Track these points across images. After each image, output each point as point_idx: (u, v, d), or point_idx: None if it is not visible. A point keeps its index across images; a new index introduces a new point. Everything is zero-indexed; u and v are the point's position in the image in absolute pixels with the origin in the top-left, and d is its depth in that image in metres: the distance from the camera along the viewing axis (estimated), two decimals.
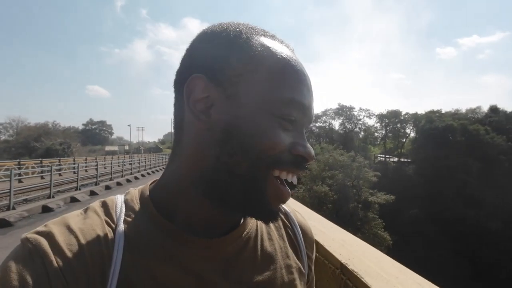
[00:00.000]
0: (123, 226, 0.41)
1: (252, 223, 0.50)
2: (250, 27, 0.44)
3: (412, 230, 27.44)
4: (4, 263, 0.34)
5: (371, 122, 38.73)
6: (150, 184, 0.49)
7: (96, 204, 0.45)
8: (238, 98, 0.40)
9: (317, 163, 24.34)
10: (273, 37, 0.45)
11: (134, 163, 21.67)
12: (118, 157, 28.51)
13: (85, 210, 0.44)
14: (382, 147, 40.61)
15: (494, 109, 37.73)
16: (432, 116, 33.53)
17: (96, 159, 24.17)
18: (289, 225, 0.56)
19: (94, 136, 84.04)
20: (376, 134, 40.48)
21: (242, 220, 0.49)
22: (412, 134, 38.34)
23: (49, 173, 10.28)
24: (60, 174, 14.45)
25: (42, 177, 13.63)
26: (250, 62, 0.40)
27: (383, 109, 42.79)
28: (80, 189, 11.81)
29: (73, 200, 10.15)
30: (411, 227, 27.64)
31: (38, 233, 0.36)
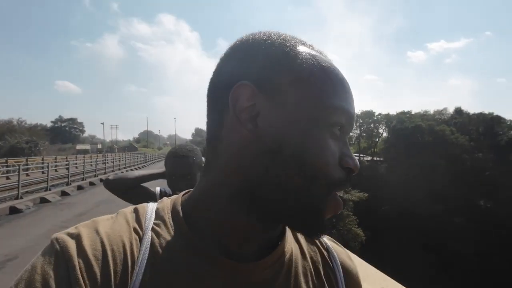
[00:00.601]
0: (150, 235, 0.39)
1: (288, 248, 0.45)
2: (290, 36, 0.42)
3: (384, 226, 28.68)
4: (33, 262, 0.34)
5: None
6: (183, 195, 0.46)
7: (128, 210, 0.43)
8: (288, 107, 0.37)
9: None
10: (312, 47, 0.43)
11: (107, 163, 21.01)
12: (91, 156, 27.48)
13: (116, 214, 0.42)
14: (356, 146, 42.04)
15: (458, 111, 40.19)
16: (403, 117, 35.18)
17: (66, 158, 23.16)
18: (330, 264, 0.49)
19: (64, 134, 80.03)
20: (351, 134, 41.85)
21: (279, 242, 0.44)
22: (385, 134, 40.06)
23: (16, 173, 9.82)
24: (27, 174, 13.74)
25: (7, 178, 12.93)
26: (299, 70, 0.38)
27: (357, 109, 44.11)
28: (50, 190, 11.33)
29: (43, 201, 9.74)
30: (383, 223, 28.89)
31: (68, 234, 0.36)
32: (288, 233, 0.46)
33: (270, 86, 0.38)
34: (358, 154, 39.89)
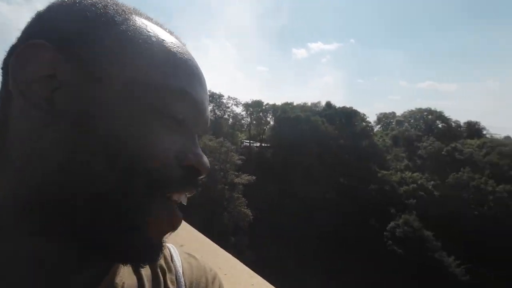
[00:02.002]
0: None
1: (118, 283, 0.33)
2: (133, 7, 0.34)
3: (269, 205, 32.00)
4: None
5: (239, 110, 41.95)
6: None
7: None
8: (106, 82, 0.28)
9: None
10: (160, 25, 0.35)
11: None
12: None
13: None
14: (247, 133, 44.73)
15: (328, 104, 47.77)
16: (286, 107, 39.47)
17: None
18: (174, 272, 0.40)
19: None
20: (243, 121, 44.25)
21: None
22: (272, 122, 43.98)
23: None
24: None
25: None
26: (130, 39, 0.30)
27: (249, 98, 46.71)
28: None
29: None
30: (269, 203, 32.20)
31: None
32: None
33: (82, 52, 0.28)
34: (249, 141, 42.62)
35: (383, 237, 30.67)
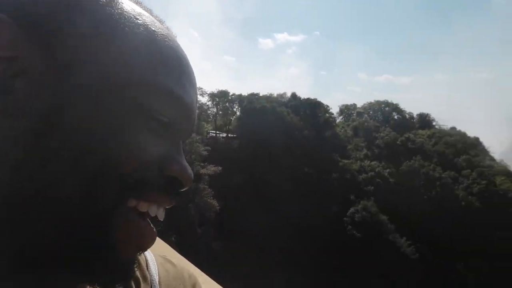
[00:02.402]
0: None
1: None
2: None
3: (235, 195, 32.16)
4: None
5: (204, 100, 41.11)
6: None
7: None
8: (80, 71, 0.23)
9: None
10: (150, 11, 0.30)
11: None
12: None
13: None
14: (213, 124, 44.15)
15: (293, 96, 48.63)
16: (253, 98, 39.51)
17: None
18: (150, 281, 0.36)
19: None
20: (208, 111, 43.51)
21: None
22: (238, 113, 43.80)
23: None
24: None
25: None
26: (114, 26, 0.25)
27: (215, 88, 45.93)
28: None
29: None
30: (236, 193, 32.35)
31: None
32: None
33: (53, 34, 0.23)
34: (215, 132, 42.16)
35: (343, 222, 32.41)
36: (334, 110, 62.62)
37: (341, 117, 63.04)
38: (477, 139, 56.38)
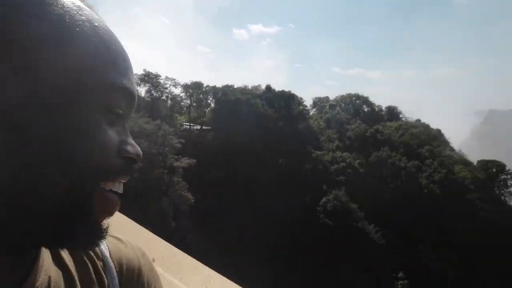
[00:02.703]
0: None
1: (42, 279, 0.31)
2: None
3: (211, 188, 32.11)
4: None
5: (177, 91, 40.14)
6: None
7: None
8: (39, 76, 0.24)
9: None
10: (90, 6, 0.31)
11: None
12: None
13: None
14: (187, 116, 43.42)
15: (268, 88, 48.86)
16: (227, 90, 39.23)
17: None
18: (101, 256, 0.40)
19: None
20: (182, 103, 42.63)
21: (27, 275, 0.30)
22: (213, 105, 43.35)
23: None
24: None
25: None
26: (63, 24, 0.25)
27: (189, 79, 45.03)
28: None
29: None
30: (211, 185, 32.29)
31: None
32: (45, 257, 0.33)
33: (3, 36, 0.23)
34: (189, 124, 41.50)
35: (316, 211, 33.51)
36: (309, 103, 63.96)
37: (314, 109, 64.44)
38: (439, 131, 60.15)
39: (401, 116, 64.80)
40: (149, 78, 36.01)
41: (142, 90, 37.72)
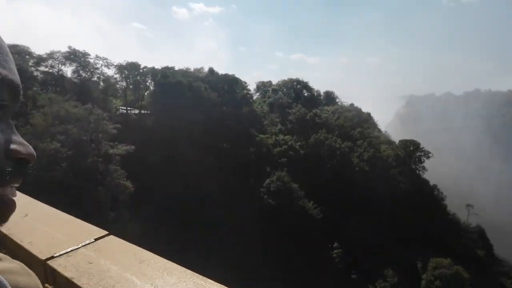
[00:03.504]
0: None
1: None
2: None
3: (153, 174, 30.82)
4: None
5: (111, 72, 36.61)
6: None
7: None
8: None
9: (43, 117, 20.43)
10: None
11: None
12: None
13: None
14: (124, 99, 40.31)
15: (211, 71, 47.82)
16: (167, 72, 37.25)
17: None
18: None
19: None
20: (117, 85, 39.27)
21: None
22: (152, 88, 40.87)
23: None
24: None
25: None
26: None
27: (123, 59, 41.43)
28: None
29: None
30: (153, 172, 30.96)
31: None
32: None
33: None
34: (125, 108, 38.64)
35: (260, 193, 34.74)
36: (253, 86, 64.47)
37: (258, 93, 65.33)
38: (369, 114, 66.43)
39: (337, 100, 69.69)
40: (76, 57, 32.21)
41: (68, 70, 33.69)
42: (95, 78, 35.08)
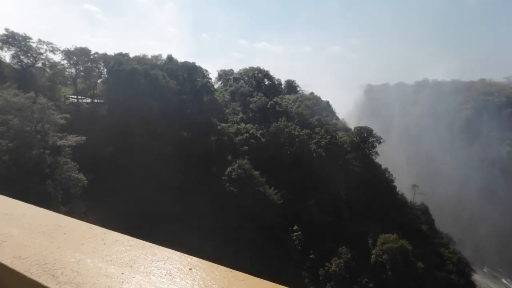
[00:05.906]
0: None
1: None
2: None
3: (108, 166, 29.68)
4: None
5: (57, 58, 33.89)
6: None
7: None
8: None
9: None
10: None
11: None
12: None
13: None
14: (73, 87, 37.78)
15: (170, 58, 46.35)
16: (121, 59, 35.45)
17: None
18: None
19: None
20: (66, 73, 36.56)
21: None
22: (105, 75, 38.69)
23: None
24: None
25: None
26: None
27: (72, 44, 38.64)
28: None
29: None
30: (108, 163, 29.80)
31: None
32: None
33: None
34: (76, 97, 36.31)
35: (222, 181, 35.12)
36: (215, 75, 63.67)
37: (220, 82, 64.73)
38: (327, 102, 69.18)
39: (298, 89, 71.49)
40: (15, 40, 29.42)
41: (6, 55, 30.69)
42: (40, 64, 32.36)
